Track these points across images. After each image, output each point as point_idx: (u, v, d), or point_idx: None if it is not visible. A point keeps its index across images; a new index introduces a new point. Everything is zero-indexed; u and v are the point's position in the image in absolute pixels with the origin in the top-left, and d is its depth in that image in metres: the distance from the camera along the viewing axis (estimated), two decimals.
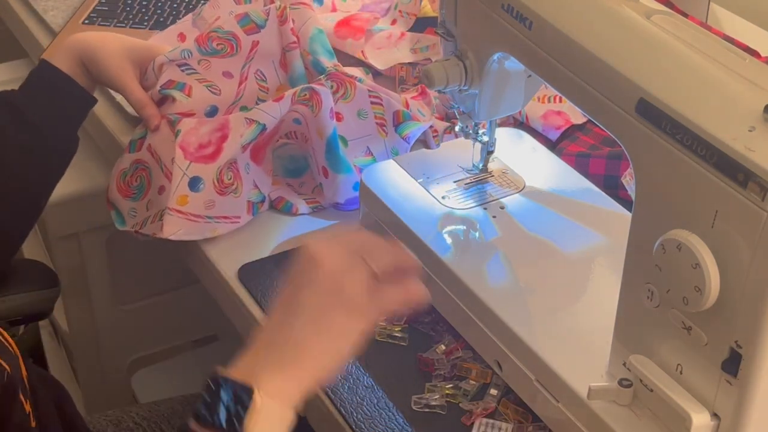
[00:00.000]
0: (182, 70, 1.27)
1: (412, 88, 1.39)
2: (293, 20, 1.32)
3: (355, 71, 1.40)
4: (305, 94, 1.23)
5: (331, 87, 1.27)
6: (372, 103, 1.28)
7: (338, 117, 1.27)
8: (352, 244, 0.87)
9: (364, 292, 0.85)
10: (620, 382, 0.90)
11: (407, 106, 1.29)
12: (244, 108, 1.28)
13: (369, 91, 1.28)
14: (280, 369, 0.82)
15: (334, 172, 1.25)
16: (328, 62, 1.32)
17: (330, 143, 1.24)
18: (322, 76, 1.28)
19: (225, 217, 1.23)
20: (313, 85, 1.24)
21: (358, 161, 1.28)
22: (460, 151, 1.20)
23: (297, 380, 0.83)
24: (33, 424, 0.89)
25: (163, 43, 1.36)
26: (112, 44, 1.24)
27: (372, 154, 1.29)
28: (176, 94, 1.26)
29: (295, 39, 1.32)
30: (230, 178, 1.23)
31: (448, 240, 1.09)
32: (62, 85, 1.22)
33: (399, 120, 1.28)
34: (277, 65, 1.32)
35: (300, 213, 1.27)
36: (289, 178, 1.31)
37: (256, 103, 1.29)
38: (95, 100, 1.27)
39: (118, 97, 1.45)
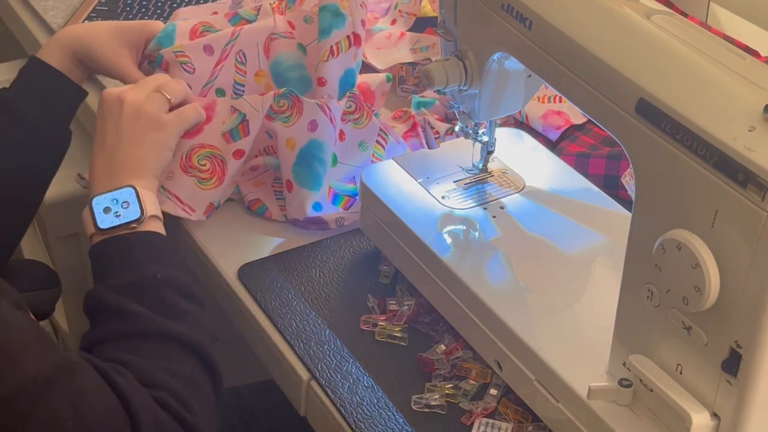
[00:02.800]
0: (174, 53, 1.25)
1: (402, 124, 1.38)
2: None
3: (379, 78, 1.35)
4: (284, 102, 1.22)
5: (350, 107, 1.26)
6: (377, 141, 1.28)
7: (341, 136, 1.26)
8: (149, 84, 1.16)
9: (163, 111, 1.15)
10: (620, 382, 0.90)
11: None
12: (219, 91, 1.27)
13: (380, 129, 1.28)
14: (133, 178, 1.10)
15: (300, 185, 1.22)
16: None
17: (303, 155, 1.22)
18: (347, 93, 1.26)
19: (178, 199, 1.21)
20: (298, 94, 1.22)
21: (339, 186, 1.26)
22: (460, 151, 1.20)
23: (146, 181, 1.11)
24: None
25: (188, 15, 1.34)
26: (103, 32, 1.23)
27: (355, 183, 1.27)
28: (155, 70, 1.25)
29: (291, 30, 1.28)
30: (204, 165, 1.21)
31: (448, 240, 1.09)
32: (52, 81, 1.21)
33: None
34: (260, 49, 1.28)
35: (273, 219, 1.25)
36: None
37: (233, 87, 1.27)
38: (86, 93, 1.26)
39: None
